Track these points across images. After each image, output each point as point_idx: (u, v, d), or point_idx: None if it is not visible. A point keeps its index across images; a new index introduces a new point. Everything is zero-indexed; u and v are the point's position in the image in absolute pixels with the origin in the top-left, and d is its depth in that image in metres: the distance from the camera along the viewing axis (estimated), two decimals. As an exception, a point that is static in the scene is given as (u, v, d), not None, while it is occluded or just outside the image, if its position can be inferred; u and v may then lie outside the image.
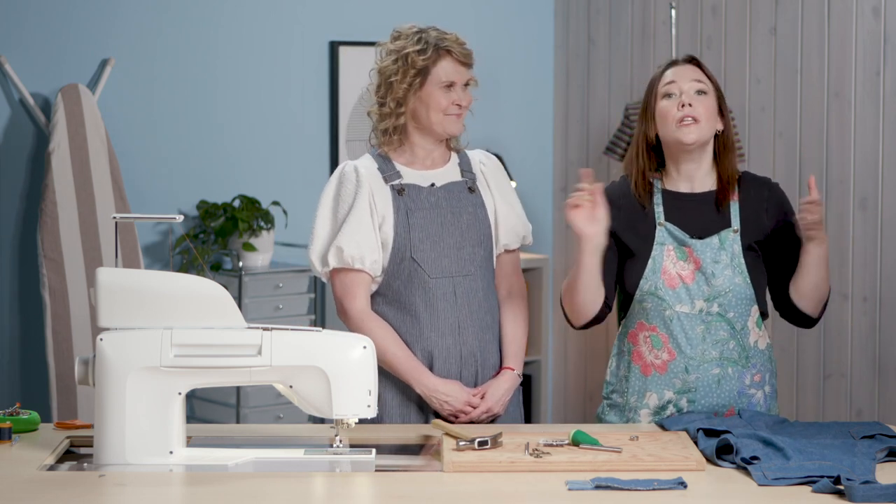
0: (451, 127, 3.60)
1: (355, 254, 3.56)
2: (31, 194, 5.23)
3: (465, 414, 3.56)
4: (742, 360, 3.51)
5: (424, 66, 3.56)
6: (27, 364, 5.24)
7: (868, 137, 5.19)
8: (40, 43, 5.22)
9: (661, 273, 3.48)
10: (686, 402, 3.50)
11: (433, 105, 3.57)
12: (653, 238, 3.51)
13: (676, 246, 3.50)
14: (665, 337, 3.49)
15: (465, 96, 3.60)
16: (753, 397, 3.53)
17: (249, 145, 5.68)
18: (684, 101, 3.47)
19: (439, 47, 3.56)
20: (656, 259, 3.49)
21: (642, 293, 3.50)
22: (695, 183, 3.54)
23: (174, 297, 3.10)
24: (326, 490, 2.94)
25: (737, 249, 3.50)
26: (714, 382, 3.49)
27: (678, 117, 3.46)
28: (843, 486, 2.82)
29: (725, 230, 3.50)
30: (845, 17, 5.24)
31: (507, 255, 3.74)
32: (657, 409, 3.52)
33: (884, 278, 5.18)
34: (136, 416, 3.07)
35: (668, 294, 3.47)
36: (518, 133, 6.30)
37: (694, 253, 3.48)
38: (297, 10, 5.75)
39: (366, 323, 3.58)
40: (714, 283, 3.47)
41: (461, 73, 3.59)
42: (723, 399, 3.50)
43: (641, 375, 3.53)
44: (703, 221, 3.52)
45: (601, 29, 6.21)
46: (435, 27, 3.63)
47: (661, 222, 3.51)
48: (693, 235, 3.51)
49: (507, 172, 3.88)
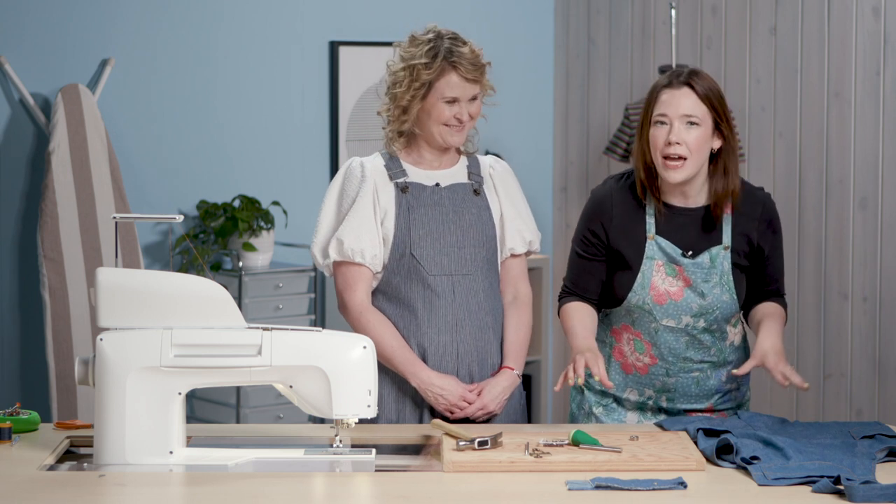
0: (451, 139, 3.62)
1: (355, 247, 3.58)
2: (31, 194, 5.23)
3: (460, 409, 3.57)
4: (720, 361, 3.57)
5: (429, 79, 3.56)
6: (27, 364, 5.24)
7: (868, 137, 5.19)
8: (40, 43, 5.22)
9: (649, 288, 3.49)
10: (665, 401, 3.58)
11: (434, 117, 3.59)
12: (643, 249, 3.51)
13: (666, 262, 3.49)
14: (648, 344, 3.54)
15: (467, 110, 3.60)
16: (730, 392, 3.60)
17: (249, 145, 5.68)
18: (672, 138, 3.41)
19: (447, 61, 3.56)
20: (645, 274, 3.49)
21: (630, 304, 3.52)
22: (688, 198, 3.52)
23: (174, 297, 3.10)
24: (326, 490, 2.94)
25: (726, 267, 3.50)
26: (693, 383, 3.57)
27: (664, 154, 3.43)
28: (843, 486, 2.82)
29: (717, 247, 3.50)
30: (845, 17, 5.24)
31: (513, 260, 3.75)
32: (638, 403, 3.59)
33: (884, 278, 5.18)
34: (136, 416, 3.07)
35: (656, 309, 3.49)
36: (518, 133, 6.30)
37: (685, 272, 3.48)
38: (297, 10, 5.75)
39: (365, 316, 3.60)
40: (702, 302, 3.49)
41: (465, 89, 3.58)
42: (701, 397, 3.58)
43: (622, 371, 3.59)
44: (695, 236, 3.51)
45: (601, 29, 6.21)
46: (453, 35, 3.61)
47: (651, 235, 3.50)
48: (685, 251, 3.50)
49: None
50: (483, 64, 3.61)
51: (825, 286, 5.36)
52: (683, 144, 3.41)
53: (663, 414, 3.58)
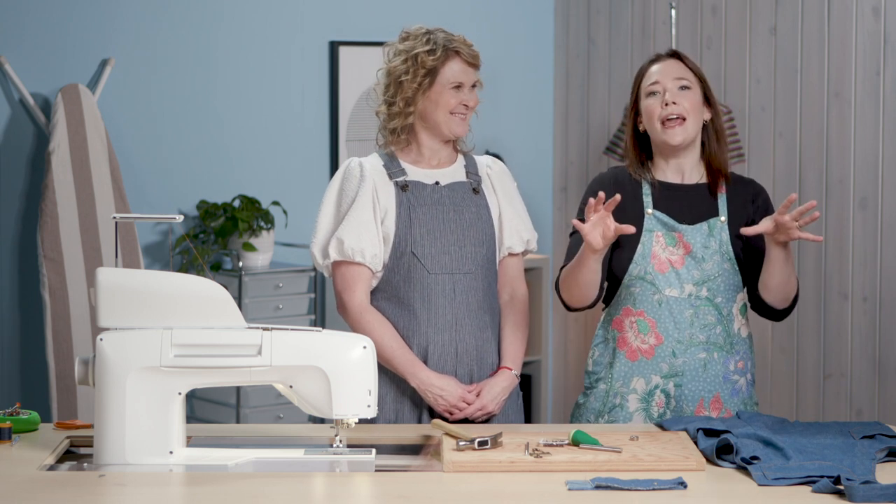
0: (457, 128, 3.63)
1: (355, 246, 3.58)
2: (31, 194, 5.23)
3: (459, 410, 3.57)
4: (727, 346, 3.57)
5: (434, 66, 3.60)
6: (27, 364, 5.24)
7: (868, 137, 5.19)
8: (40, 43, 5.22)
9: (650, 258, 3.53)
10: (673, 387, 3.55)
11: (441, 105, 3.61)
12: (642, 225, 3.54)
13: (666, 232, 3.55)
14: (652, 321, 3.53)
15: (471, 97, 3.64)
16: (737, 384, 3.60)
17: (249, 145, 5.68)
18: (668, 99, 3.52)
19: (448, 48, 3.60)
20: (645, 245, 3.54)
21: (631, 278, 3.54)
22: (685, 174, 3.61)
23: (174, 297, 3.10)
24: (326, 490, 2.94)
25: (725, 237, 3.56)
26: (700, 367, 3.55)
27: (663, 116, 3.50)
28: (843, 486, 2.82)
29: (714, 218, 3.55)
30: (845, 17, 5.24)
31: (511, 259, 3.76)
32: (645, 394, 3.56)
33: (884, 278, 5.18)
34: (136, 416, 3.07)
35: (658, 278, 3.52)
36: (518, 133, 6.30)
37: (684, 238, 3.54)
38: (297, 10, 5.75)
39: (364, 317, 3.60)
40: (704, 267, 3.53)
41: (469, 75, 3.63)
42: (708, 384, 3.56)
43: (627, 361, 3.58)
44: (692, 210, 3.57)
45: (601, 29, 6.21)
46: (442, 29, 3.67)
47: (649, 211, 3.55)
48: (682, 222, 3.55)
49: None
50: (478, 52, 3.65)
51: (825, 286, 5.36)
52: (681, 105, 3.51)
53: (669, 413, 3.57)
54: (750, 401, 3.63)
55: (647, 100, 3.56)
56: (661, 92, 3.53)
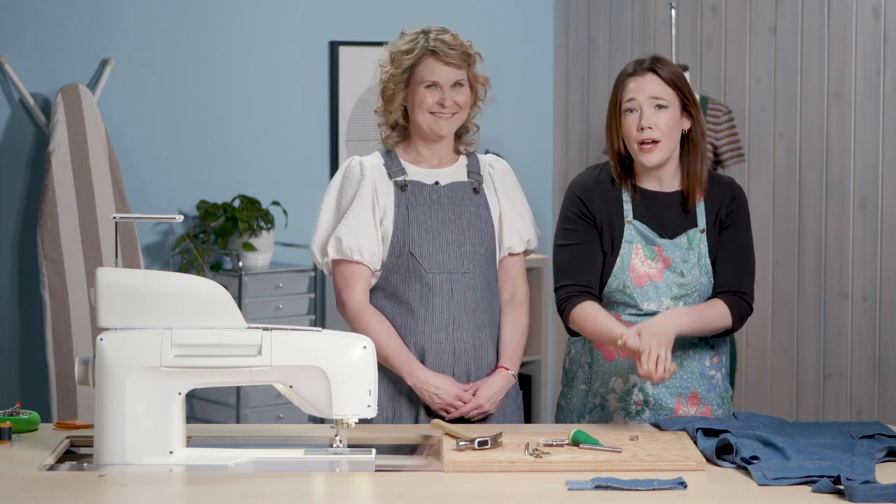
0: (437, 126, 3.62)
1: (354, 245, 3.59)
2: (31, 194, 5.23)
3: (456, 408, 3.57)
4: (702, 344, 3.58)
5: (410, 65, 3.61)
6: (27, 364, 5.25)
7: (868, 137, 5.20)
8: (40, 43, 5.22)
9: (629, 271, 3.52)
10: (650, 385, 3.53)
11: (418, 104, 3.62)
12: (622, 234, 3.54)
13: (645, 245, 3.53)
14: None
15: (453, 96, 3.61)
16: (713, 378, 3.60)
17: (249, 145, 5.68)
18: (644, 123, 3.48)
19: (426, 47, 3.60)
20: (625, 257, 3.53)
21: (610, 290, 3.55)
22: (663, 182, 3.58)
23: (174, 297, 3.10)
24: (326, 490, 2.94)
25: (703, 249, 3.55)
26: (677, 363, 3.53)
27: (638, 140, 3.49)
28: (843, 486, 2.82)
29: (693, 230, 3.55)
30: (845, 17, 5.24)
31: (512, 259, 3.76)
32: (623, 393, 3.56)
33: (884, 278, 5.18)
34: (136, 416, 3.07)
35: (637, 292, 3.52)
36: (518, 133, 6.30)
37: (663, 252, 3.53)
38: (297, 10, 5.75)
39: (362, 315, 3.61)
40: (683, 282, 3.51)
41: (446, 73, 3.61)
42: (685, 380, 3.56)
43: (605, 361, 3.58)
44: (671, 220, 3.55)
45: (601, 29, 6.21)
46: (443, 29, 3.66)
47: (629, 220, 3.54)
48: (662, 234, 3.55)
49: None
50: (469, 52, 3.63)
51: (825, 286, 5.37)
52: (655, 128, 3.49)
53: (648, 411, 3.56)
54: (726, 394, 3.63)
55: (624, 117, 3.53)
56: (638, 110, 3.50)
